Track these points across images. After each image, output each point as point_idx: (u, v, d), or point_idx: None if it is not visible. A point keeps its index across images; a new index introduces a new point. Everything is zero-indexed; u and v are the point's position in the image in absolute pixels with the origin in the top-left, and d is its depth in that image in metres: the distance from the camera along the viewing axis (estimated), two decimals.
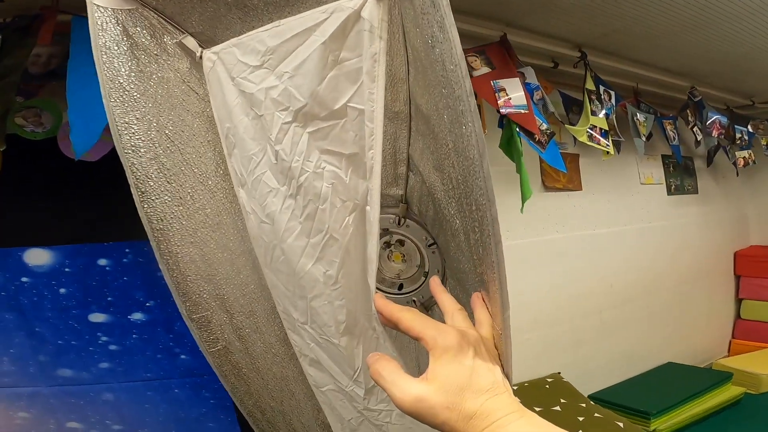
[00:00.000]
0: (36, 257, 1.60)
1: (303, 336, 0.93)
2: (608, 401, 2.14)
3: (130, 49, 0.79)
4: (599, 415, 1.83)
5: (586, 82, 2.21)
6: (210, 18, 0.82)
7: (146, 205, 0.82)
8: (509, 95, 1.85)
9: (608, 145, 2.21)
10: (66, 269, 1.62)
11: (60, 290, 1.63)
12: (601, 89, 2.27)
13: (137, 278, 1.61)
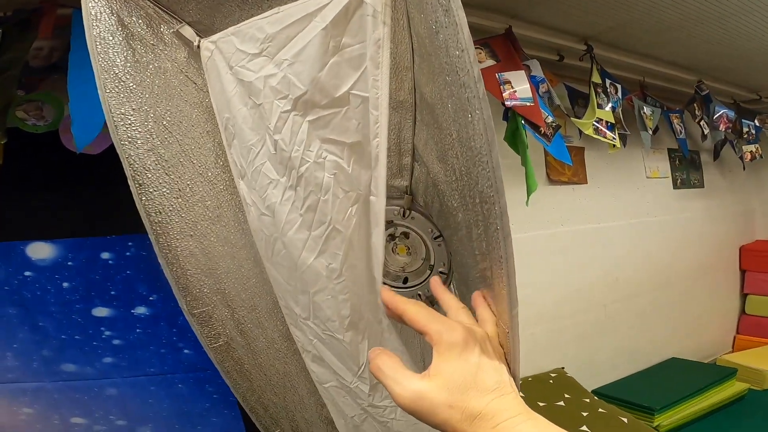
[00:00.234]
0: (39, 251, 1.59)
1: (305, 332, 0.91)
2: (612, 396, 2.12)
3: (126, 40, 0.77)
4: (603, 411, 1.80)
5: (593, 75, 2.17)
6: (208, 6, 0.79)
7: (144, 198, 0.80)
8: (514, 88, 1.82)
9: (615, 139, 2.18)
10: (69, 263, 1.60)
11: (63, 284, 1.61)
12: (608, 82, 2.23)
13: (140, 272, 1.60)
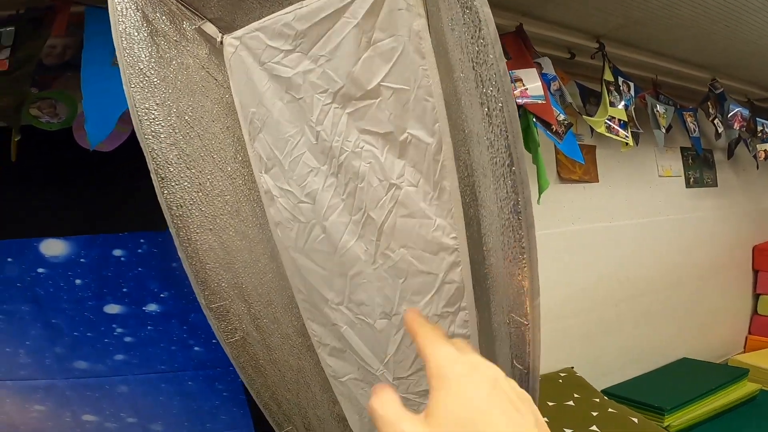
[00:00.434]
0: (52, 248, 1.62)
1: (334, 319, 0.93)
2: (622, 396, 2.12)
3: (150, 36, 0.79)
4: (613, 411, 1.81)
5: (605, 73, 2.18)
6: (229, 3, 0.82)
7: (166, 191, 0.82)
8: (526, 85, 1.84)
9: (627, 137, 2.19)
10: (81, 260, 1.63)
11: (75, 281, 1.64)
12: (620, 80, 2.24)
13: (152, 269, 1.62)
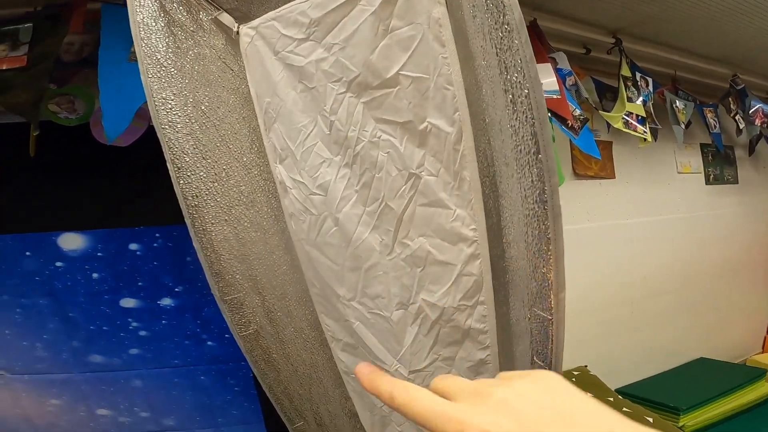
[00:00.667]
0: (70, 242, 1.64)
1: (346, 315, 0.93)
2: (637, 396, 2.09)
3: (167, 26, 0.80)
4: (628, 410, 1.78)
5: (622, 69, 2.16)
6: None
7: (182, 181, 0.83)
8: (541, 80, 1.82)
9: (646, 132, 2.16)
10: (98, 254, 1.65)
11: (92, 275, 1.66)
12: (638, 76, 2.21)
13: (167, 263, 1.63)
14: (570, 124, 1.91)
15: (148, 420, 1.74)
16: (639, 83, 2.21)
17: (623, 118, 2.12)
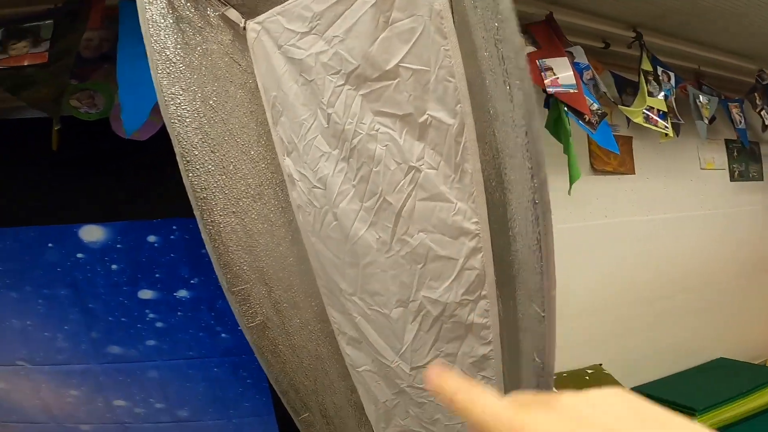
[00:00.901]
0: (90, 233, 1.68)
1: (348, 309, 0.94)
2: (652, 395, 2.06)
3: (176, 22, 0.82)
4: None
5: (642, 63, 2.12)
6: None
7: (191, 174, 0.85)
8: (556, 74, 1.81)
9: (667, 127, 2.12)
10: (118, 245, 1.69)
11: (112, 266, 1.70)
12: (659, 70, 2.17)
13: (183, 255, 1.67)
14: (587, 119, 1.89)
15: (163, 411, 1.78)
16: (660, 78, 2.17)
17: (643, 113, 2.09)
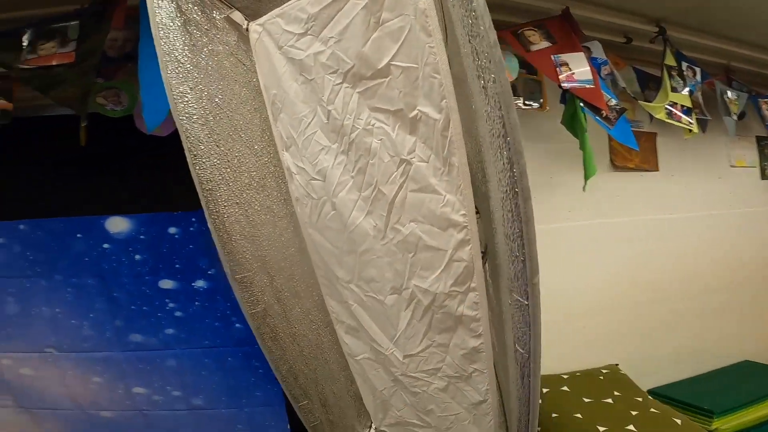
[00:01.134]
0: (116, 225, 1.78)
1: (345, 297, 1.00)
2: (670, 397, 2.05)
3: (184, 25, 0.89)
4: (655, 411, 1.76)
5: (666, 58, 2.10)
6: None
7: (198, 167, 0.92)
8: (572, 70, 1.81)
9: (691, 123, 2.10)
10: (141, 236, 1.79)
11: (135, 257, 1.80)
12: (684, 65, 2.15)
13: (201, 246, 1.75)
14: (605, 115, 1.89)
15: (179, 399, 1.86)
16: (685, 73, 2.15)
17: (666, 109, 2.07)
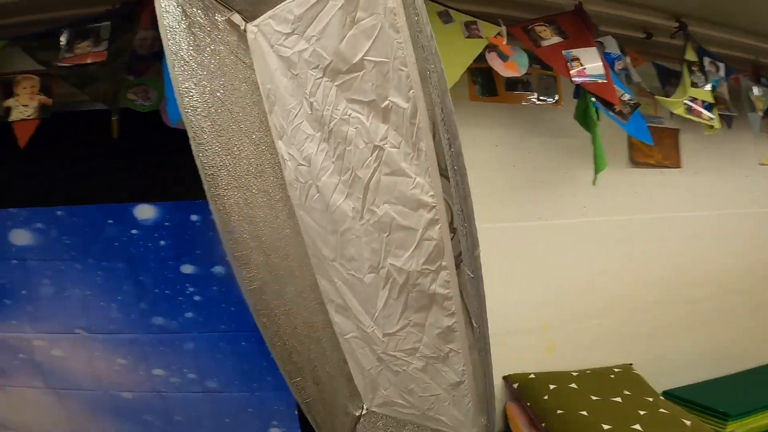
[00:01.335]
0: (144, 212, 1.96)
1: (331, 275, 1.11)
2: (684, 398, 2.06)
3: (188, 27, 1.03)
4: (665, 411, 1.78)
5: (687, 53, 2.12)
6: None
7: (201, 155, 1.06)
8: (583, 65, 1.87)
9: (712, 119, 2.11)
10: (166, 223, 1.96)
11: (160, 242, 1.97)
12: (706, 60, 2.16)
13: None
14: (617, 110, 1.93)
15: (194, 381, 2.01)
16: (708, 68, 2.16)
17: (685, 104, 2.09)
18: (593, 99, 1.89)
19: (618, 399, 1.88)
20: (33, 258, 2.00)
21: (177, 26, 1.01)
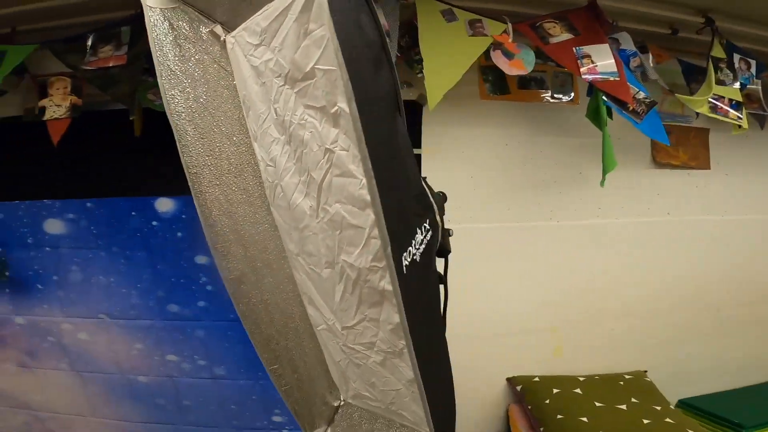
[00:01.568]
0: (164, 205, 2.18)
1: (298, 269, 1.24)
2: (699, 408, 2.06)
3: (175, 39, 1.18)
4: (670, 421, 1.80)
5: (713, 50, 2.11)
6: (229, 9, 1.17)
7: (185, 155, 1.21)
8: (595, 62, 1.90)
9: (740, 118, 2.09)
10: (183, 216, 2.17)
11: (177, 234, 2.18)
12: (736, 57, 2.14)
13: None
14: (631, 108, 1.95)
15: (204, 368, 2.23)
16: (737, 65, 2.14)
17: (709, 102, 2.08)
18: (604, 97, 1.92)
19: (623, 406, 1.92)
20: (64, 246, 2.26)
21: (164, 39, 1.16)
